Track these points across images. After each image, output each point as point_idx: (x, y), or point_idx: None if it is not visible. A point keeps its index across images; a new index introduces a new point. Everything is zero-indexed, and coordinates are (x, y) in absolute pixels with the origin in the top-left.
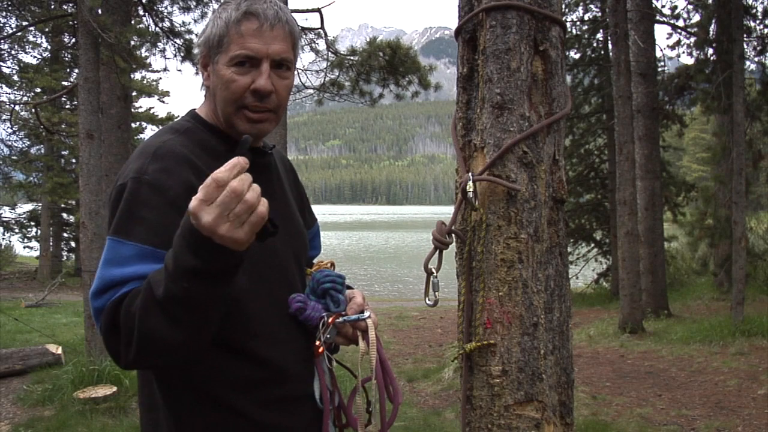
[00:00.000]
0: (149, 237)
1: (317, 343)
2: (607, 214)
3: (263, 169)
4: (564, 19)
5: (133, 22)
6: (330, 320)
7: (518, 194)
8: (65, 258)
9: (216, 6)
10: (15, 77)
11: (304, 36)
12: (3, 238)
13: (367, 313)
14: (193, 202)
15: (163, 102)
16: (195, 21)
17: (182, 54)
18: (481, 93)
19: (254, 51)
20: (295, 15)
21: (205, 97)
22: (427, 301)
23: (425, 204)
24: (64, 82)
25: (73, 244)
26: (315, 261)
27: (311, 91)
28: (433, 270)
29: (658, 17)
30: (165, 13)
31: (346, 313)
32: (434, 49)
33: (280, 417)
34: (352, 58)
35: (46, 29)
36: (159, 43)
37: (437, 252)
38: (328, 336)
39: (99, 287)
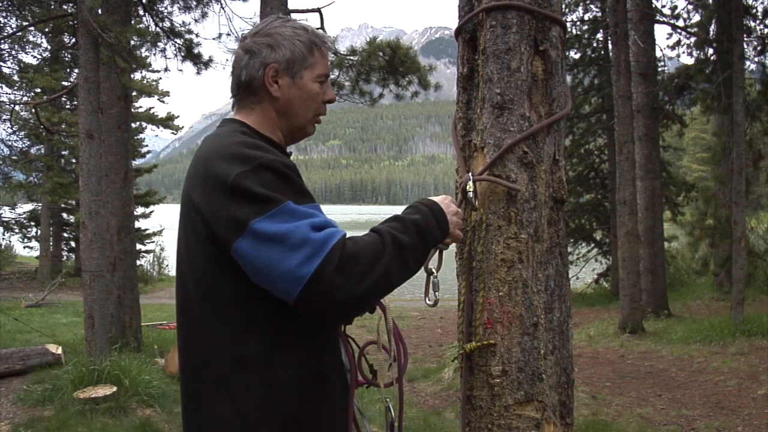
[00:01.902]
0: (309, 199)
1: None
2: (607, 214)
3: None
4: (564, 19)
5: (133, 22)
6: None
7: (518, 194)
8: (65, 258)
9: (217, 6)
10: (15, 77)
11: None
12: (3, 238)
13: None
14: (456, 219)
15: (163, 102)
16: (195, 21)
17: (182, 54)
18: (481, 93)
19: (329, 71)
20: (295, 15)
21: (254, 107)
22: (427, 302)
23: None
24: (64, 82)
25: (73, 244)
26: None
27: None
28: (433, 270)
29: (658, 17)
30: (165, 13)
31: None
32: (434, 49)
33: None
34: (352, 58)
35: (46, 29)
36: (159, 43)
37: (437, 252)
38: None
39: (314, 225)
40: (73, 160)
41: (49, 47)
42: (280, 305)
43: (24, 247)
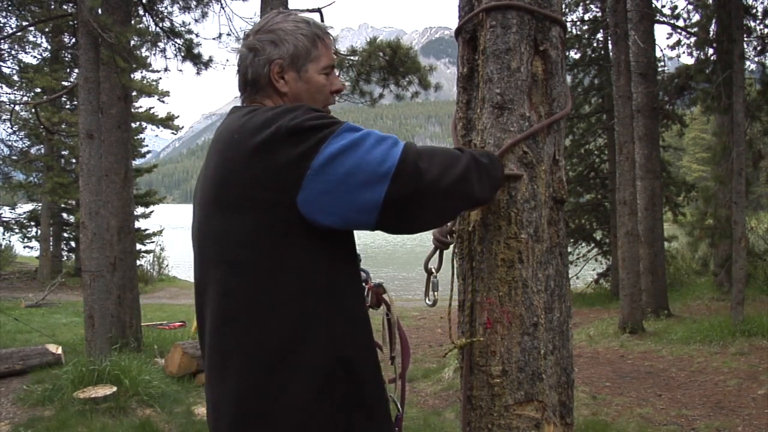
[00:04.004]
0: None
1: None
2: (607, 214)
3: None
4: (564, 19)
5: (133, 22)
6: (369, 286)
7: (518, 194)
8: (65, 258)
9: (217, 6)
10: (15, 77)
11: None
12: (3, 238)
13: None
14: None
15: (163, 102)
16: (195, 21)
17: (182, 54)
18: (481, 93)
19: (334, 61)
20: None
21: (265, 102)
22: (427, 301)
23: None
24: (64, 82)
25: (73, 244)
26: None
27: None
28: (433, 270)
29: (658, 17)
30: (165, 13)
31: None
32: (434, 49)
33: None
34: (352, 58)
35: (46, 29)
36: (159, 43)
37: (437, 252)
38: (368, 298)
39: (380, 133)
40: (73, 160)
41: (49, 47)
42: (340, 264)
43: (24, 247)
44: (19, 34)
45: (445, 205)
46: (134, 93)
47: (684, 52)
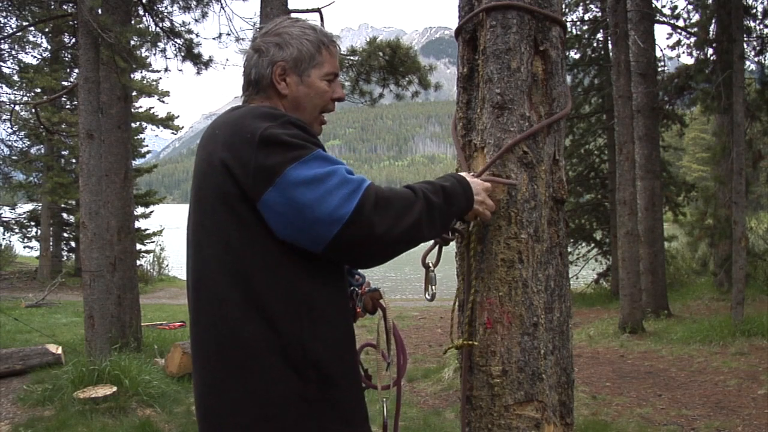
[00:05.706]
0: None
1: (358, 310)
2: (607, 214)
3: None
4: (564, 19)
5: (133, 22)
6: (362, 291)
7: (518, 194)
8: (65, 258)
9: (217, 6)
10: (15, 77)
11: None
12: (3, 238)
13: (375, 286)
14: (483, 195)
15: (163, 102)
16: (195, 21)
17: (182, 54)
18: (482, 93)
19: (338, 69)
20: (295, 15)
21: (264, 102)
22: (426, 296)
23: None
24: (64, 82)
25: (73, 244)
26: None
27: None
28: (431, 264)
29: (658, 17)
30: (165, 13)
31: (368, 284)
32: (434, 49)
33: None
34: (352, 58)
35: (46, 29)
36: (159, 43)
37: (437, 247)
38: (360, 303)
39: (347, 171)
40: (73, 160)
41: (49, 47)
42: (309, 266)
43: (24, 247)
44: (19, 34)
45: (391, 250)
46: (134, 93)
47: (684, 52)
